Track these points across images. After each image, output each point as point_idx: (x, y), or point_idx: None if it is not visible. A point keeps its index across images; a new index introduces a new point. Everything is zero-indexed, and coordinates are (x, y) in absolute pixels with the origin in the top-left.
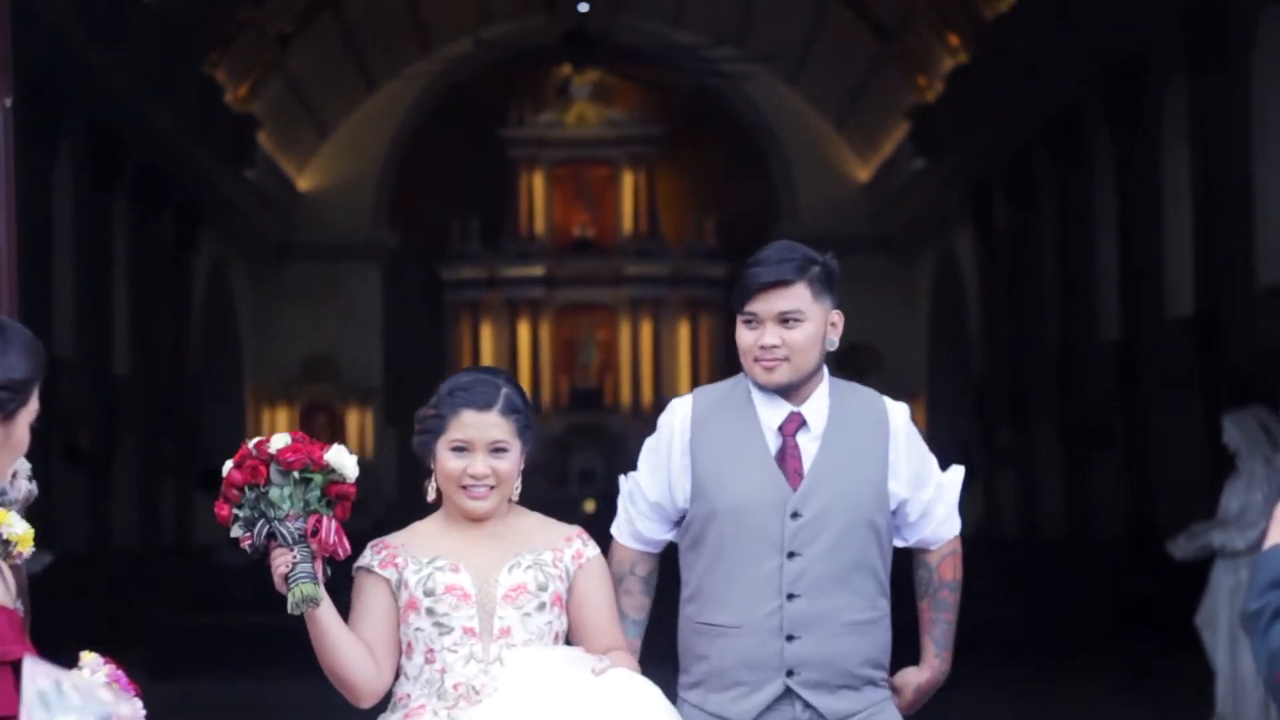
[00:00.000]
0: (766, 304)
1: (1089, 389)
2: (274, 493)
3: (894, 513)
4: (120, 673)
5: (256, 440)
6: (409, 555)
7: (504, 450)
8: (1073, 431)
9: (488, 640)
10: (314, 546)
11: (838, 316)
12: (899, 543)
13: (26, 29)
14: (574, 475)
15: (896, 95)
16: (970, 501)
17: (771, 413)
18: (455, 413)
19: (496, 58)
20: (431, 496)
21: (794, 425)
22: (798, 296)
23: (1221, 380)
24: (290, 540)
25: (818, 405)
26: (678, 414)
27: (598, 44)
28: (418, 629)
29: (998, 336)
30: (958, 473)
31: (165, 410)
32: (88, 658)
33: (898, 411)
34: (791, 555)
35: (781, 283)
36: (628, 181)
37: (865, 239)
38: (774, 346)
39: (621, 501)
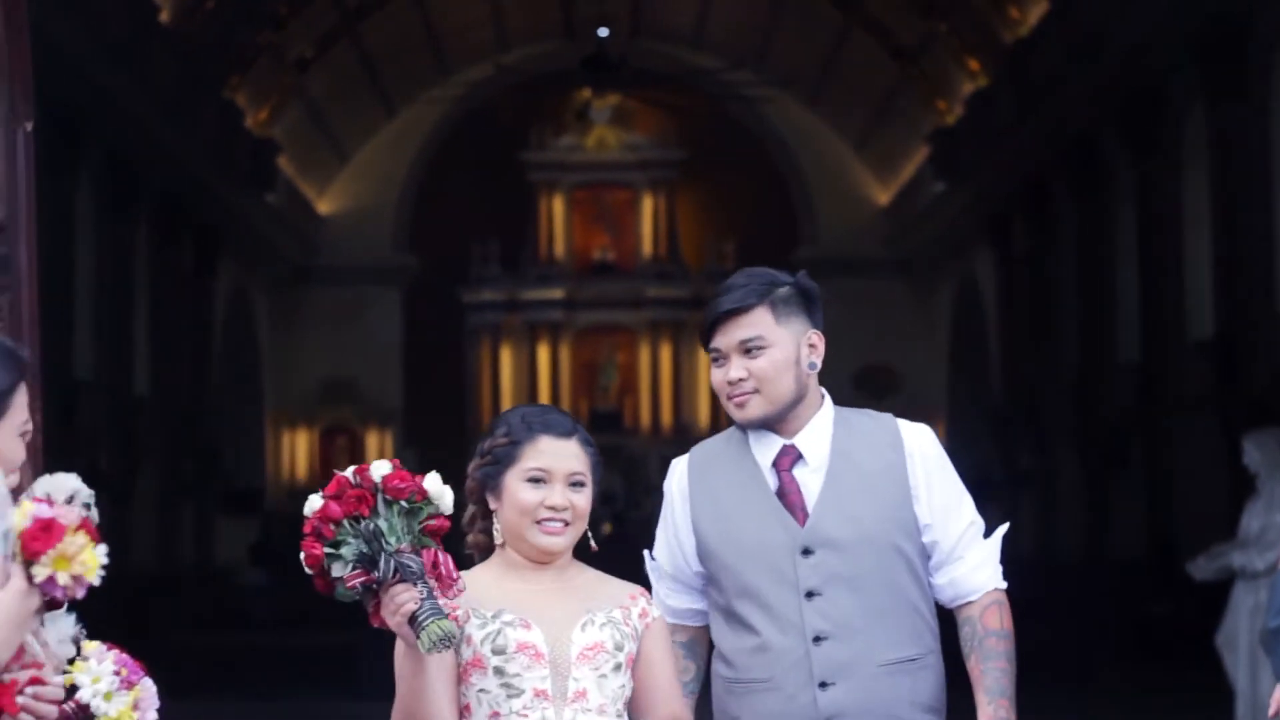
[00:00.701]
0: (727, 336)
1: (1109, 411)
2: (383, 524)
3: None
4: (127, 657)
5: (353, 468)
6: (470, 607)
7: (581, 484)
8: (1092, 454)
9: (561, 704)
10: (433, 582)
11: (816, 337)
12: (936, 596)
13: (47, 56)
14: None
15: (916, 119)
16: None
17: (766, 451)
18: (533, 439)
19: (516, 82)
20: (500, 540)
21: (789, 460)
22: (757, 323)
23: (1241, 402)
24: (417, 574)
25: (815, 435)
26: (675, 474)
27: (617, 68)
28: (481, 690)
29: (1017, 359)
30: (1001, 528)
31: (185, 433)
32: (90, 647)
33: (916, 433)
34: (810, 595)
35: (738, 310)
36: (647, 205)
37: (885, 262)
38: (741, 380)
39: (650, 577)
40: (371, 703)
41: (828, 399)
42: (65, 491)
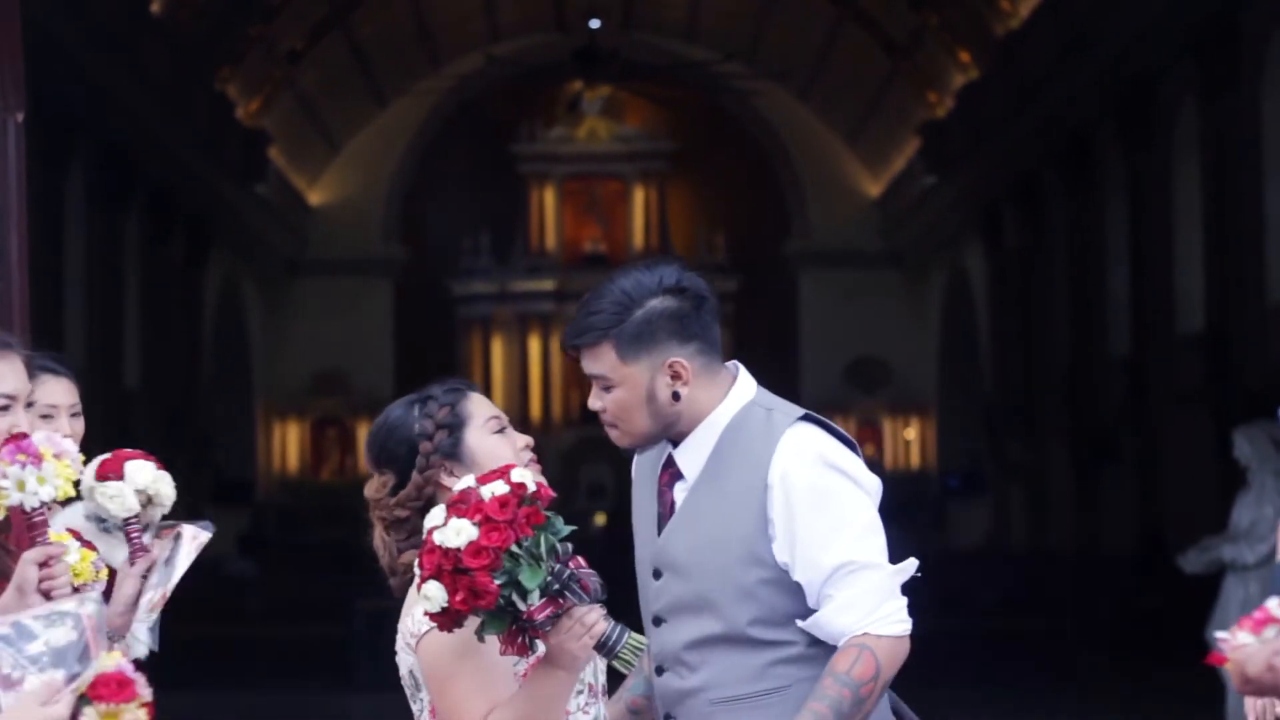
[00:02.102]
0: (582, 361)
1: (1099, 404)
2: (543, 541)
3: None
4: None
5: (469, 495)
6: None
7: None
8: (1083, 447)
9: (601, 699)
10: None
11: (681, 365)
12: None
13: (37, 47)
14: (584, 489)
15: (907, 111)
16: (981, 515)
17: (659, 463)
18: (466, 395)
19: (507, 73)
20: None
21: (667, 475)
22: (600, 359)
23: (1231, 396)
24: (601, 590)
25: (693, 449)
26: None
27: (609, 60)
28: None
29: (1008, 352)
30: (906, 564)
31: (176, 424)
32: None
33: (789, 458)
34: (657, 621)
35: (579, 345)
36: (639, 196)
37: (876, 254)
38: (600, 410)
39: None
40: (361, 694)
41: (733, 397)
42: (139, 493)
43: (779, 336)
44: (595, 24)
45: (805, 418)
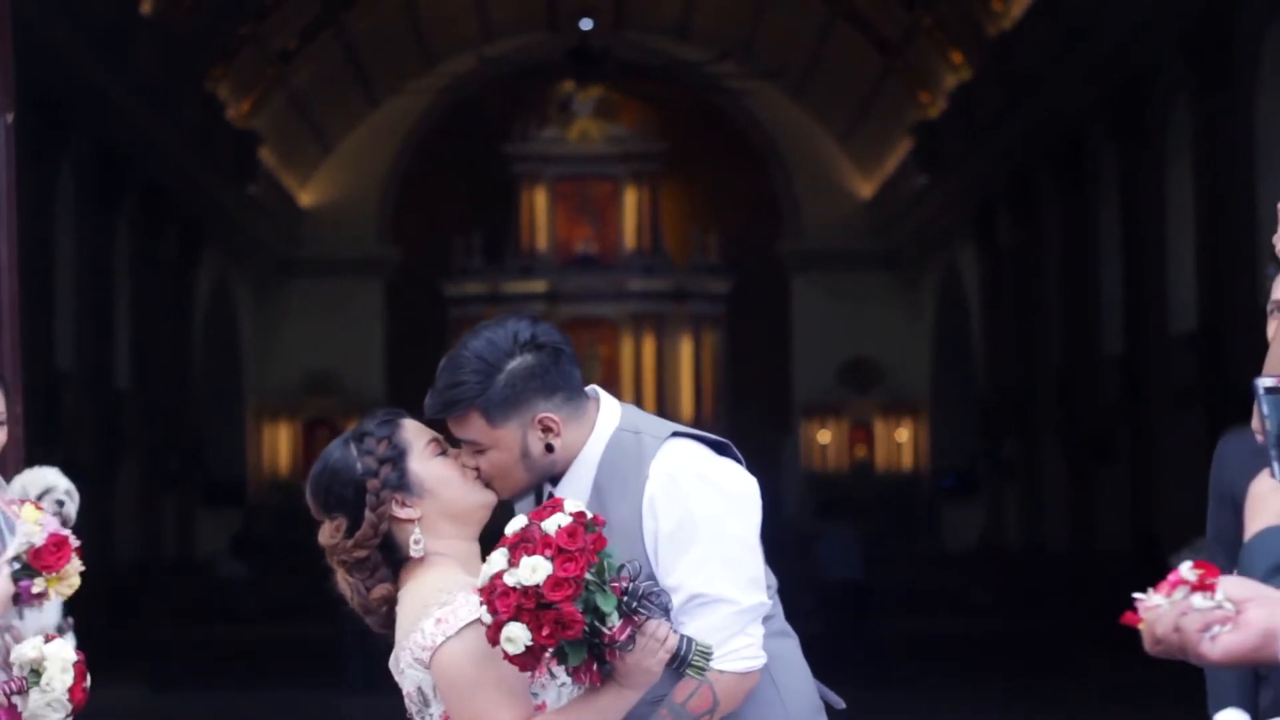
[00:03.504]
0: (450, 427)
1: (1093, 404)
2: (606, 564)
3: None
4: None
5: (530, 533)
6: None
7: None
8: (1077, 446)
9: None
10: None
11: (551, 419)
12: None
13: (29, 46)
14: None
15: (900, 111)
16: (975, 516)
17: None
18: (400, 424)
19: (500, 74)
20: (421, 551)
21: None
22: (468, 427)
23: (1225, 395)
24: (668, 599)
25: (573, 485)
26: None
27: (601, 60)
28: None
29: (1002, 351)
30: (749, 605)
31: (167, 424)
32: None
33: (658, 478)
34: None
35: (445, 415)
36: (630, 197)
37: (869, 254)
38: (476, 469)
39: None
40: (353, 696)
41: (600, 428)
42: (40, 486)
43: (772, 337)
44: (587, 24)
45: (673, 435)
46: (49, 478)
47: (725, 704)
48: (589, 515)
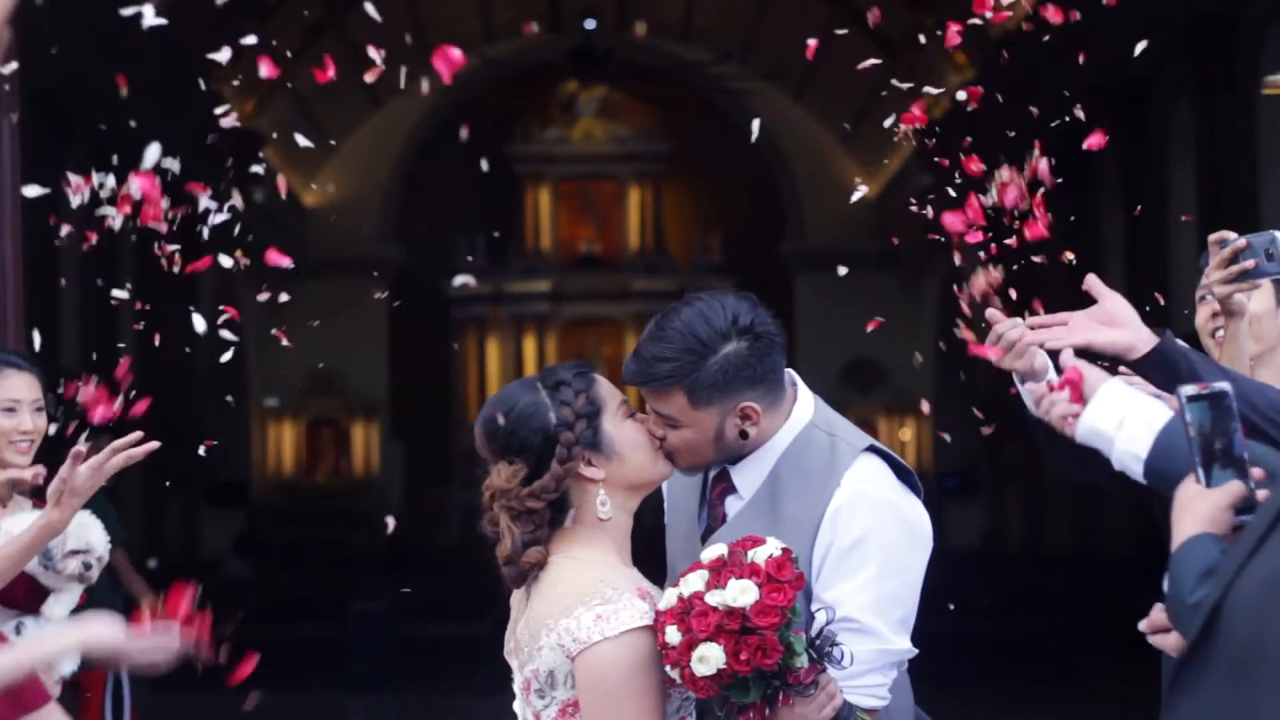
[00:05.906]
0: (645, 396)
1: None
2: (798, 605)
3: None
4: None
5: (735, 558)
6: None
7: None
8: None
9: None
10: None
11: (752, 409)
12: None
13: (31, 48)
14: None
15: (903, 112)
16: (976, 516)
17: (711, 473)
18: (593, 378)
19: (502, 74)
20: (606, 514)
21: (720, 488)
22: (668, 403)
23: None
24: (851, 658)
25: (752, 468)
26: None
27: (604, 60)
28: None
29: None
30: (897, 649)
31: (171, 425)
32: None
33: (850, 491)
34: None
35: (647, 385)
36: (634, 197)
37: (871, 254)
38: (661, 439)
39: None
40: (356, 695)
41: (794, 419)
42: (78, 542)
43: None
44: (590, 24)
45: (870, 449)
46: (90, 536)
47: None
48: (794, 553)
